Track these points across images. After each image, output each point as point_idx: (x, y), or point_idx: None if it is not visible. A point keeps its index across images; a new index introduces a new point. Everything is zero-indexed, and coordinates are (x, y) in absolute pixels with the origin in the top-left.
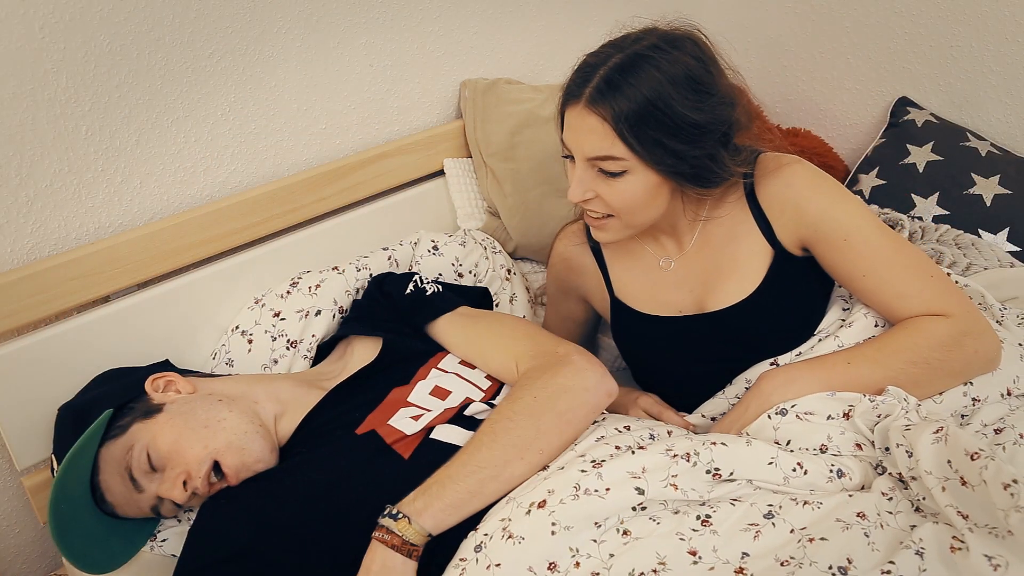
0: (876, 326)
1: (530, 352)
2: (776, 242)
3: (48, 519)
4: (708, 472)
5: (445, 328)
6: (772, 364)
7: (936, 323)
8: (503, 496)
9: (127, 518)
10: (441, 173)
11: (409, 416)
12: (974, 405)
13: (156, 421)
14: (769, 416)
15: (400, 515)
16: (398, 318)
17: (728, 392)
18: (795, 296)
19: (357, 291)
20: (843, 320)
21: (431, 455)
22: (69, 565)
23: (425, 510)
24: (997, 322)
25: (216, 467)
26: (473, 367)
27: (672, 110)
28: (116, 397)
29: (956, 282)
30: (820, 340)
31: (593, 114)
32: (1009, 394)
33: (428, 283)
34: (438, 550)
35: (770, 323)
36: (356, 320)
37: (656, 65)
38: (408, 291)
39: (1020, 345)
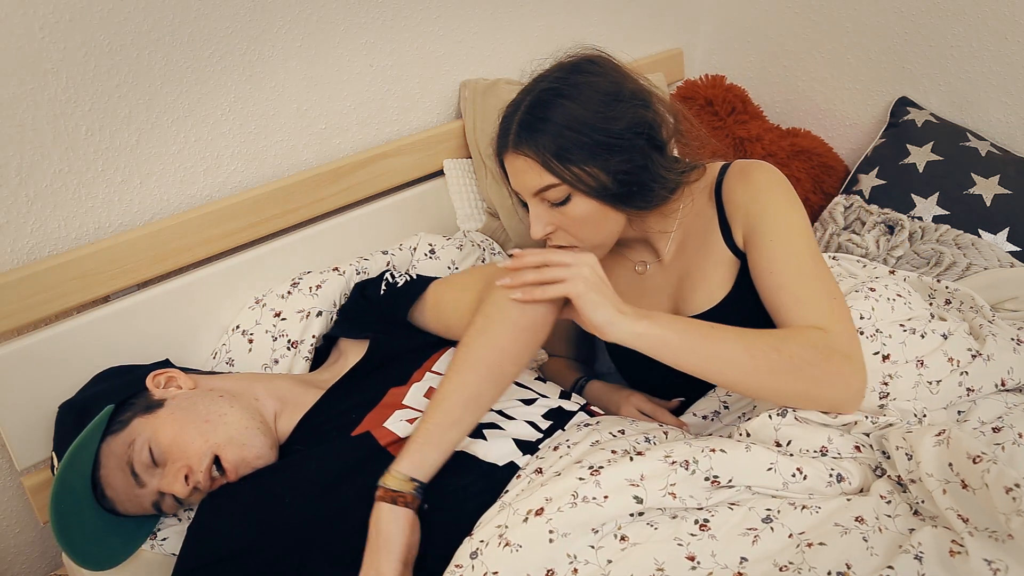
0: (861, 318)
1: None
2: (735, 247)
3: (50, 514)
4: (707, 479)
5: (422, 311)
6: None
7: (816, 331)
8: (478, 422)
9: (127, 515)
10: (441, 173)
11: (404, 419)
12: (968, 395)
13: (158, 416)
14: (770, 416)
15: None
16: (383, 319)
17: (719, 391)
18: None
19: None
20: None
21: None
22: (69, 563)
23: (403, 455)
24: (989, 321)
25: (217, 462)
26: None
27: (587, 126)
28: (117, 393)
29: (947, 286)
30: None
31: (520, 155)
32: (1003, 384)
33: (400, 276)
34: (434, 555)
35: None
36: (343, 323)
37: (562, 93)
38: (383, 290)
39: (1012, 339)
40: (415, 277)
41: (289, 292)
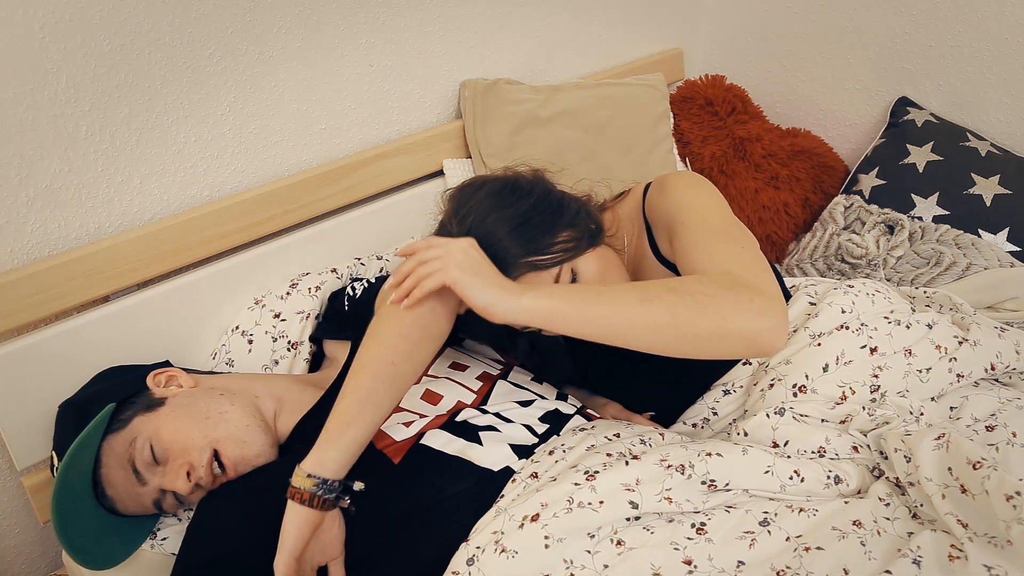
0: (843, 312)
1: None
2: (664, 258)
3: (51, 513)
4: (703, 483)
5: None
6: (746, 364)
7: (722, 272)
8: (384, 418)
9: (127, 514)
10: (441, 173)
11: (400, 422)
12: (959, 381)
13: (159, 414)
14: (767, 415)
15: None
16: (357, 326)
17: (707, 399)
18: None
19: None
20: (809, 313)
21: (421, 461)
22: (69, 563)
23: (309, 456)
24: (971, 315)
25: (217, 459)
26: (463, 368)
27: (522, 215)
28: (118, 392)
29: (924, 291)
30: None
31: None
32: (992, 368)
33: (360, 284)
34: (430, 561)
35: None
36: (324, 325)
37: (481, 216)
38: (347, 306)
39: (996, 328)
40: (373, 281)
41: (288, 293)
